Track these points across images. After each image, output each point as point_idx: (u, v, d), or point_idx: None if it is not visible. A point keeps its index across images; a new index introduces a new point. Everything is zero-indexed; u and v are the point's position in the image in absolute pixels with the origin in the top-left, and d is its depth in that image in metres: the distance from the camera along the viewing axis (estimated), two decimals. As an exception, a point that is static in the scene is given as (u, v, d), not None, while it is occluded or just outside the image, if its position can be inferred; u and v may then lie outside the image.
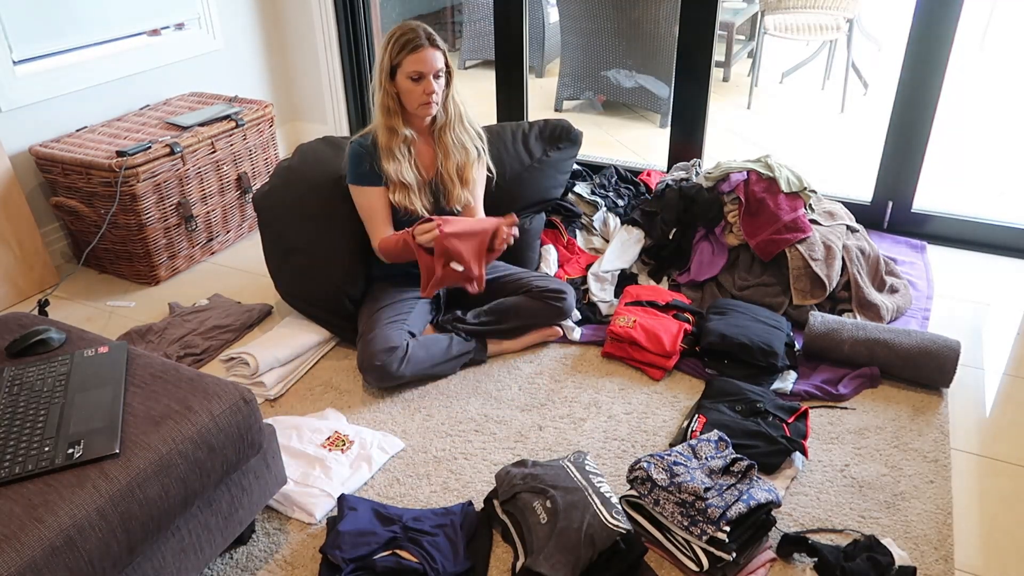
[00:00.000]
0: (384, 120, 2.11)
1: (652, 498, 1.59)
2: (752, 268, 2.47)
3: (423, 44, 2.03)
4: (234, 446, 1.42)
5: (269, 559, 1.63)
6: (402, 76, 2.06)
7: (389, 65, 2.06)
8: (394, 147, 2.12)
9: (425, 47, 2.03)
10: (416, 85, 2.06)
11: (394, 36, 2.05)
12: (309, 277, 2.29)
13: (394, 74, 2.07)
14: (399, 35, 2.04)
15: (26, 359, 1.51)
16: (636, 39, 4.13)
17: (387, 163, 2.12)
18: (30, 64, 2.65)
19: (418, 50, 2.03)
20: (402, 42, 2.03)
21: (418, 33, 2.04)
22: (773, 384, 2.09)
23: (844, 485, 1.78)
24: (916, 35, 2.57)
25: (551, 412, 2.05)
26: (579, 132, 2.72)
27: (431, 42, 2.04)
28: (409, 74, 2.04)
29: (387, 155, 2.13)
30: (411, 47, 2.02)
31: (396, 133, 2.11)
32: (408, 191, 2.15)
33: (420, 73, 2.04)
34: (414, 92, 2.07)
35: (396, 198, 2.15)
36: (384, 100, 2.09)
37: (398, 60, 2.04)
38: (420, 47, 2.03)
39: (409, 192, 2.16)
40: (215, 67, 3.29)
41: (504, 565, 1.60)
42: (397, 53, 2.04)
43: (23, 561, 1.10)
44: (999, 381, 2.15)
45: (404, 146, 2.14)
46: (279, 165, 2.40)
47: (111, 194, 2.52)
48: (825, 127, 4.34)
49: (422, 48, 2.03)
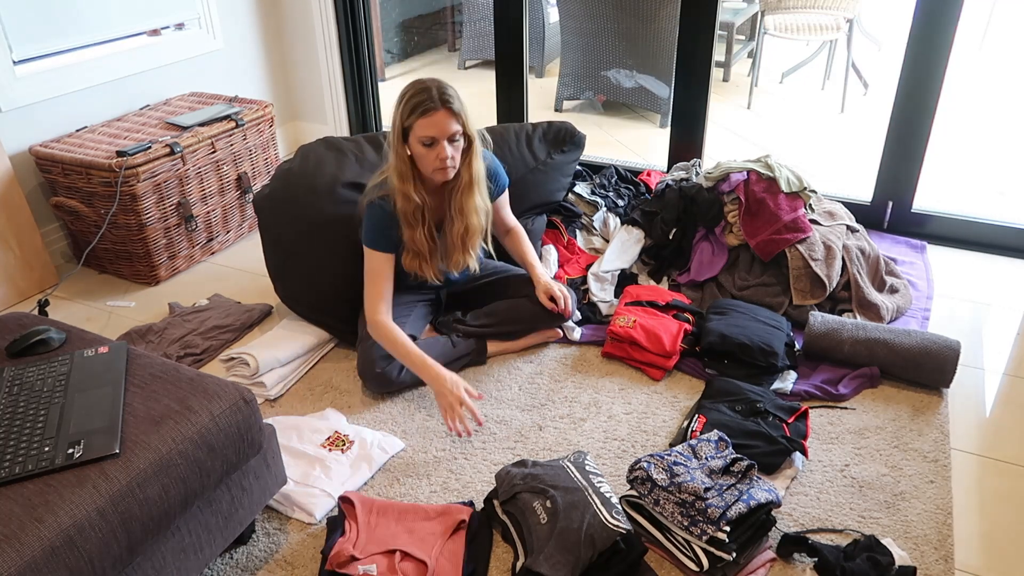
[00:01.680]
0: (400, 185, 1.96)
1: (652, 498, 1.59)
2: (752, 268, 2.47)
3: (435, 107, 1.84)
4: (234, 446, 1.42)
5: (269, 559, 1.63)
6: (414, 140, 1.89)
7: (401, 127, 1.90)
8: (410, 214, 1.98)
9: (437, 109, 1.84)
10: (429, 150, 1.89)
11: (406, 96, 1.88)
12: (309, 280, 2.29)
13: (406, 137, 1.91)
14: (410, 95, 1.87)
15: (26, 359, 1.51)
16: (636, 39, 4.13)
17: (406, 230, 2.01)
18: (30, 64, 2.65)
19: (429, 113, 1.84)
20: (413, 104, 1.85)
21: (431, 94, 1.85)
22: (773, 384, 2.09)
23: (844, 485, 1.78)
24: (916, 35, 2.57)
25: (551, 412, 2.05)
26: (583, 135, 2.72)
27: (444, 104, 1.85)
28: (421, 139, 1.87)
29: (403, 221, 2.00)
30: (422, 110, 1.84)
31: (410, 200, 1.96)
32: (421, 259, 2.05)
33: (432, 138, 1.87)
34: (427, 157, 1.90)
35: (408, 263, 2.05)
36: (398, 164, 1.94)
37: (409, 123, 1.87)
38: (431, 110, 1.84)
39: (422, 260, 2.05)
40: (215, 67, 3.29)
41: (504, 565, 1.60)
42: (408, 115, 1.86)
43: (23, 561, 1.10)
44: (999, 381, 2.15)
45: (419, 213, 2.00)
46: (280, 167, 2.39)
47: (111, 194, 2.52)
48: (825, 127, 4.34)
49: (434, 112, 1.84)
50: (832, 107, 4.58)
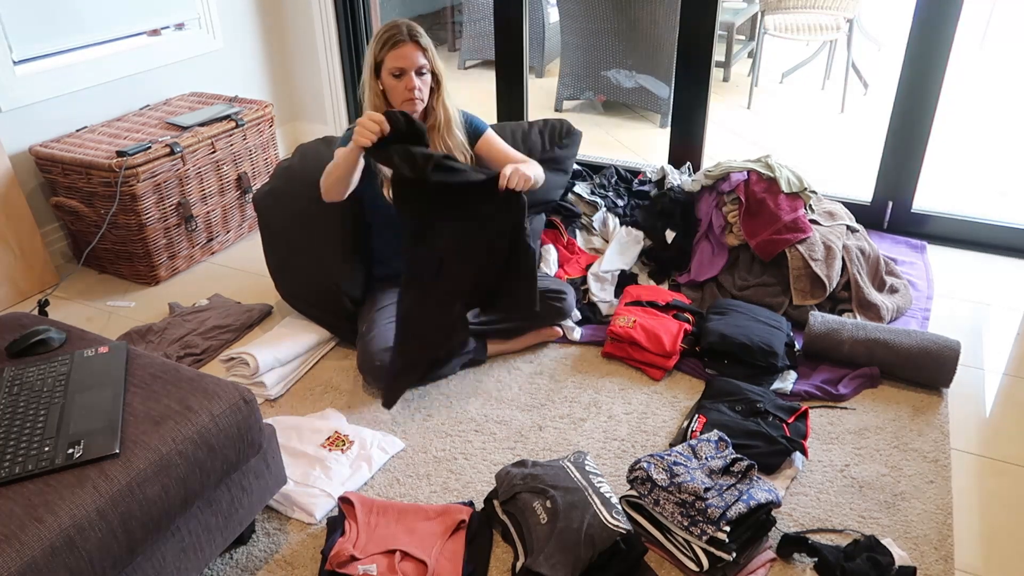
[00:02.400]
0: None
1: (652, 498, 1.59)
2: (752, 268, 2.47)
3: (403, 39, 2.03)
4: (234, 446, 1.42)
5: (269, 559, 1.63)
6: (385, 73, 2.06)
7: (373, 62, 2.07)
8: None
9: (406, 42, 2.03)
10: (398, 81, 2.05)
11: (378, 32, 2.06)
12: (309, 277, 2.29)
13: (379, 71, 2.08)
14: (382, 32, 2.05)
15: (26, 359, 1.51)
16: (636, 39, 4.13)
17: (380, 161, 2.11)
18: (30, 64, 2.65)
19: (398, 46, 2.03)
20: (384, 38, 2.04)
21: (400, 29, 2.04)
22: (773, 384, 2.09)
23: (844, 485, 1.78)
24: (916, 35, 2.57)
25: (551, 412, 2.05)
26: (579, 131, 2.72)
27: (412, 38, 2.05)
28: (391, 70, 2.05)
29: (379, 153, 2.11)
30: (392, 43, 2.03)
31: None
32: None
33: (401, 69, 2.04)
34: (397, 88, 2.07)
35: (389, 194, 2.13)
36: (371, 98, 2.10)
37: (381, 56, 2.05)
38: (400, 42, 2.03)
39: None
40: (215, 67, 3.29)
41: (504, 565, 1.60)
42: (380, 49, 2.05)
43: (23, 561, 1.10)
44: (999, 381, 2.15)
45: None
46: (279, 165, 2.40)
47: (111, 194, 2.52)
48: (825, 127, 4.33)
49: (402, 43, 2.03)
50: (832, 107, 4.57)
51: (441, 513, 1.68)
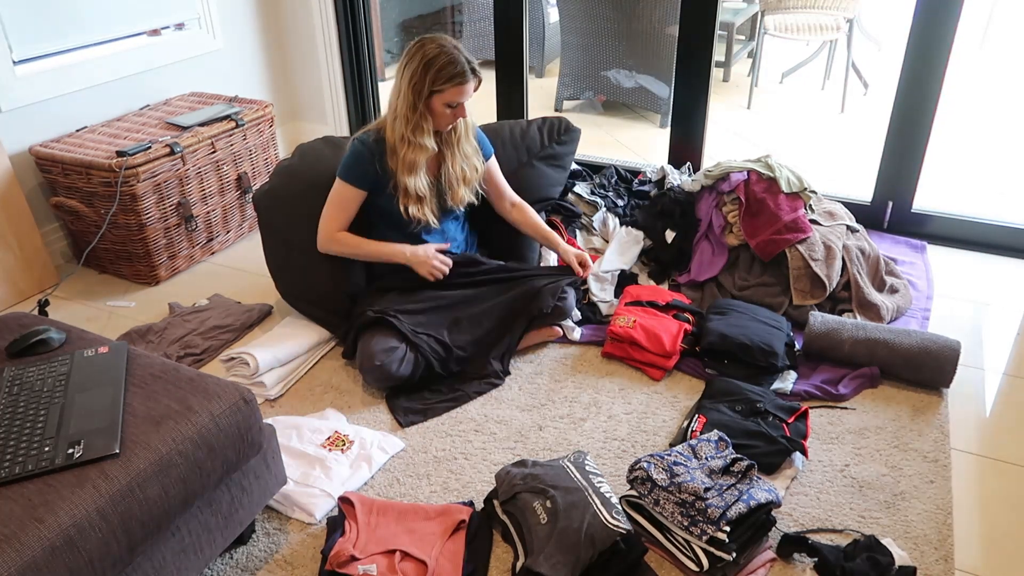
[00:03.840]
0: (413, 136, 2.08)
1: (652, 498, 1.59)
2: (752, 268, 2.47)
3: (469, 79, 2.03)
4: (234, 446, 1.42)
5: (269, 559, 1.63)
6: (439, 102, 2.04)
7: (427, 90, 2.03)
8: (420, 162, 2.12)
9: (471, 80, 2.04)
10: (451, 111, 2.07)
11: (436, 63, 2.01)
12: (309, 276, 2.29)
13: (430, 96, 2.04)
14: (442, 64, 2.00)
15: (26, 359, 1.51)
16: (636, 39, 4.13)
17: (406, 176, 2.11)
18: (30, 64, 2.65)
19: (464, 84, 2.03)
20: (448, 73, 2.00)
21: (464, 66, 2.02)
22: (773, 384, 2.09)
23: (844, 485, 1.78)
24: (916, 35, 2.57)
25: (551, 412, 2.05)
26: (578, 128, 2.72)
27: (474, 73, 2.04)
28: (448, 102, 2.04)
29: (409, 169, 2.11)
30: (458, 80, 2.01)
31: (425, 149, 2.10)
32: (422, 203, 2.16)
33: (459, 103, 2.06)
34: (445, 116, 2.08)
35: (411, 211, 2.15)
36: (415, 119, 2.06)
37: (440, 88, 2.02)
38: (467, 81, 2.03)
39: (423, 205, 2.17)
40: (215, 67, 3.29)
41: (504, 565, 1.60)
42: (443, 82, 2.01)
43: (23, 561, 1.10)
44: (999, 381, 2.15)
45: (427, 161, 2.15)
46: (279, 164, 2.40)
47: (111, 194, 2.52)
48: (825, 127, 4.33)
49: (468, 82, 2.03)
50: (832, 107, 4.57)
51: (441, 513, 1.68)
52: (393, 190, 2.15)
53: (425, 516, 1.67)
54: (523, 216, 2.40)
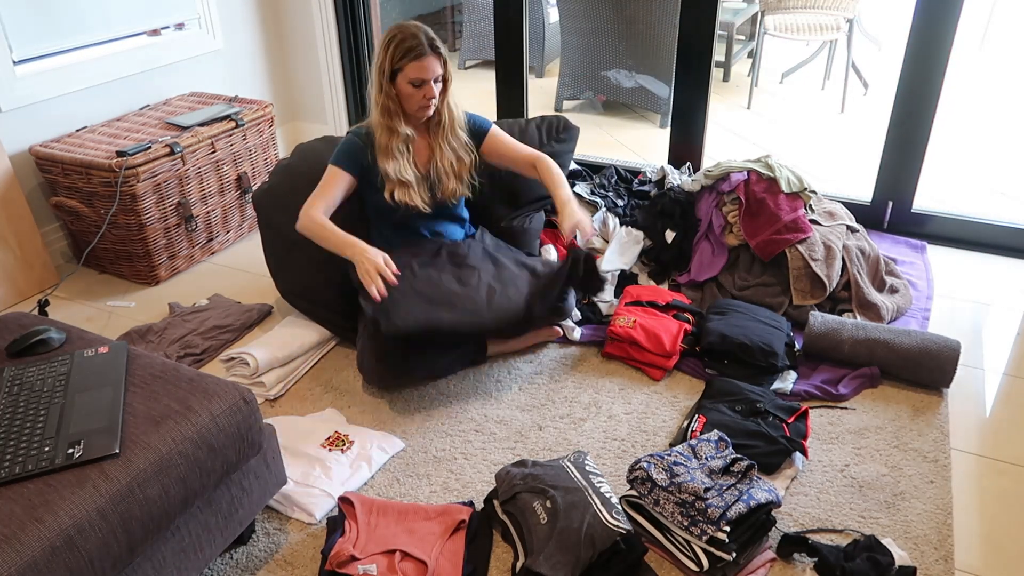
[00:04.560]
0: (384, 120, 2.12)
1: (652, 498, 1.59)
2: (752, 268, 2.47)
3: (426, 52, 2.04)
4: (234, 446, 1.42)
5: (269, 559, 1.63)
6: (403, 80, 2.07)
7: (390, 69, 2.07)
8: (393, 146, 2.13)
9: (428, 55, 2.04)
10: (416, 90, 2.08)
11: (395, 40, 2.05)
12: (309, 275, 2.29)
13: (394, 77, 2.08)
14: (400, 39, 2.04)
15: (26, 359, 1.51)
16: (636, 39, 4.13)
17: (386, 162, 2.14)
18: (30, 64, 2.65)
19: (421, 58, 2.04)
20: (404, 48, 2.03)
21: (420, 40, 2.04)
22: (773, 384, 2.09)
23: (844, 485, 1.78)
24: (916, 35, 2.57)
25: (551, 412, 2.05)
26: (577, 127, 2.72)
27: (433, 49, 2.05)
28: (411, 80, 2.06)
29: (386, 154, 2.14)
30: (414, 55, 2.03)
31: (396, 133, 2.13)
32: (408, 188, 2.17)
33: (422, 80, 2.06)
34: (414, 96, 2.09)
35: (397, 196, 2.16)
36: (384, 101, 2.10)
37: (399, 65, 2.05)
38: (423, 55, 2.03)
39: (409, 189, 2.17)
40: (215, 67, 3.29)
41: (504, 565, 1.60)
42: (400, 58, 2.04)
43: (23, 561, 1.10)
44: (999, 381, 2.15)
45: (403, 144, 2.15)
46: (278, 164, 2.40)
47: (111, 194, 2.52)
48: (825, 127, 4.33)
49: (425, 56, 2.04)
50: (832, 107, 4.57)
51: (441, 513, 1.68)
52: (381, 182, 2.17)
53: (425, 516, 1.67)
54: (542, 173, 2.28)
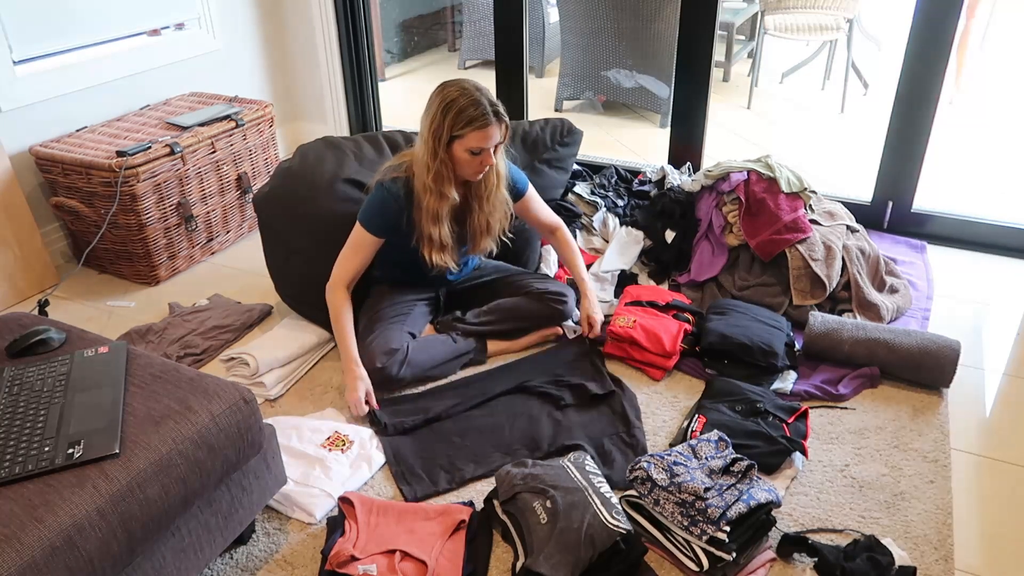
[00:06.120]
0: (435, 185, 1.99)
1: (652, 498, 1.59)
2: (752, 268, 2.47)
3: (491, 121, 1.91)
4: (234, 446, 1.42)
5: (269, 559, 1.63)
6: (460, 148, 1.94)
7: (448, 135, 1.93)
8: (443, 212, 2.03)
9: (492, 125, 1.92)
10: (474, 157, 1.96)
11: (456, 106, 1.90)
12: (309, 279, 2.28)
13: (451, 143, 1.95)
14: (462, 107, 1.90)
15: (26, 359, 1.51)
16: (636, 39, 4.13)
17: (431, 227, 2.04)
18: (30, 64, 2.65)
19: (484, 128, 1.91)
20: (468, 117, 1.90)
21: (484, 107, 1.90)
22: (773, 384, 2.09)
23: (844, 485, 1.78)
24: (916, 35, 2.57)
25: (551, 412, 2.05)
26: (580, 131, 2.72)
27: (497, 116, 1.93)
28: (470, 148, 1.93)
29: (433, 220, 2.03)
30: (478, 124, 1.90)
31: (446, 198, 2.01)
32: (445, 251, 2.10)
33: (482, 148, 1.94)
34: (471, 164, 1.97)
35: (433, 258, 2.08)
36: (437, 167, 1.96)
37: (461, 133, 1.92)
38: (487, 125, 1.91)
39: (446, 251, 2.10)
40: (215, 67, 3.29)
41: (504, 565, 1.60)
42: (462, 127, 1.91)
43: (23, 561, 1.10)
44: (999, 381, 2.15)
45: (450, 210, 2.06)
46: (279, 166, 2.39)
47: (111, 194, 2.52)
48: (825, 127, 4.34)
49: (489, 127, 1.91)
50: (832, 107, 4.57)
51: (441, 513, 1.68)
52: (417, 241, 2.09)
53: (425, 516, 1.67)
54: (562, 248, 2.33)
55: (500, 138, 1.98)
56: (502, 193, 2.12)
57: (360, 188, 2.31)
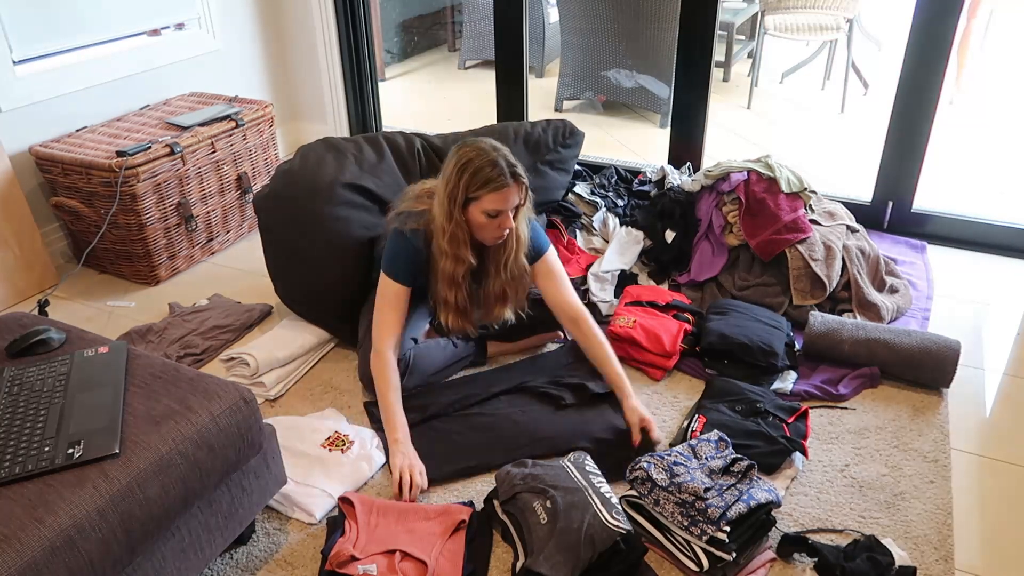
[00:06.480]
0: (451, 249, 1.92)
1: (652, 498, 1.59)
2: (752, 268, 2.47)
3: (508, 183, 1.82)
4: (234, 446, 1.42)
5: (269, 559, 1.63)
6: (476, 210, 1.86)
7: (463, 197, 1.85)
8: (459, 275, 1.96)
9: (509, 186, 1.83)
10: (491, 220, 1.87)
11: (471, 167, 1.83)
12: (309, 280, 2.28)
13: (466, 205, 1.87)
14: (478, 167, 1.82)
15: (26, 359, 1.51)
16: (636, 39, 4.13)
17: (447, 291, 1.98)
18: (30, 64, 2.65)
19: (501, 190, 1.82)
20: (483, 178, 1.82)
21: (501, 169, 1.82)
22: (773, 384, 2.09)
23: (844, 485, 1.78)
24: (916, 35, 2.57)
25: (551, 412, 2.05)
26: (582, 132, 2.72)
27: (515, 178, 1.84)
28: (487, 211, 1.85)
29: (450, 283, 1.97)
30: (494, 186, 1.82)
31: (463, 262, 1.94)
32: (462, 315, 2.03)
33: (499, 211, 1.86)
34: (488, 227, 1.88)
35: (450, 322, 2.02)
36: (453, 230, 1.89)
37: (476, 195, 1.84)
38: (504, 187, 1.82)
39: (461, 317, 2.03)
40: (215, 67, 3.29)
41: (504, 565, 1.60)
42: (477, 188, 1.83)
43: (23, 561, 1.10)
44: (999, 381, 2.15)
45: (467, 274, 1.98)
46: (279, 168, 2.39)
47: (111, 194, 2.52)
48: (825, 127, 4.34)
49: (506, 188, 1.82)
50: (832, 107, 4.58)
51: (441, 513, 1.68)
52: (434, 304, 2.04)
53: (425, 516, 1.67)
54: (590, 344, 2.02)
55: (519, 200, 1.88)
56: (521, 261, 2.01)
57: (360, 193, 2.30)
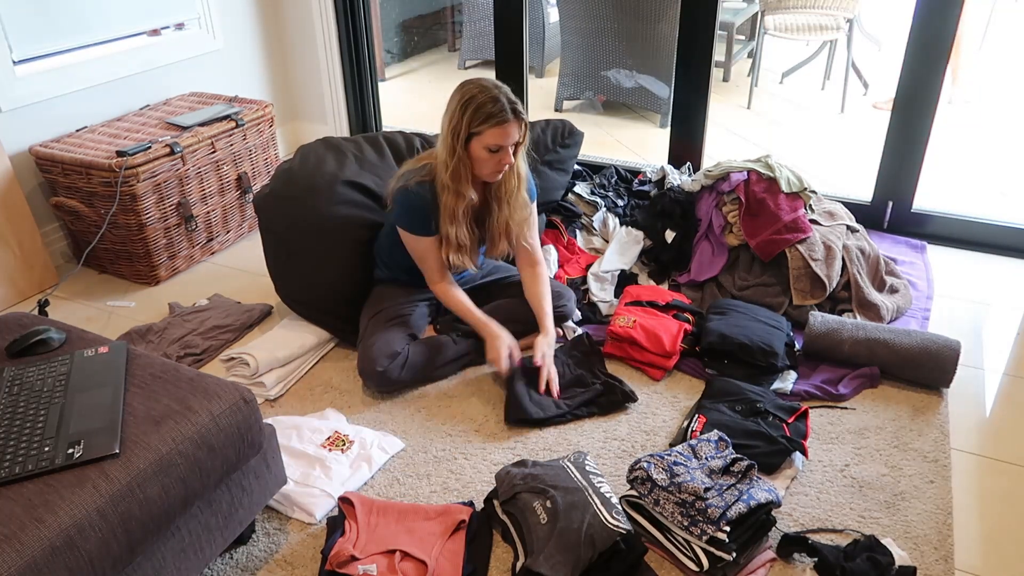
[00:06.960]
0: (453, 184, 1.98)
1: (652, 498, 1.59)
2: (752, 268, 2.47)
3: (508, 118, 1.89)
4: (234, 446, 1.42)
5: (269, 559, 1.63)
6: (478, 145, 1.92)
7: (466, 132, 1.91)
8: (459, 211, 2.02)
9: (510, 121, 1.89)
10: (492, 155, 1.93)
11: (474, 102, 1.89)
12: (309, 279, 2.29)
13: (469, 140, 1.93)
14: (481, 103, 1.88)
15: (26, 359, 1.51)
16: (636, 39, 4.13)
17: (449, 226, 2.03)
18: (30, 64, 2.65)
19: (503, 124, 1.89)
20: (485, 113, 1.88)
21: (502, 104, 1.88)
22: (773, 384, 2.09)
23: (844, 485, 1.78)
24: (916, 35, 2.57)
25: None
26: (581, 132, 2.72)
27: (515, 114, 1.90)
28: (488, 146, 1.91)
29: (451, 218, 2.02)
30: (495, 121, 1.88)
31: (463, 197, 1.99)
32: (463, 251, 2.08)
33: (500, 146, 1.92)
34: (488, 162, 1.95)
35: (451, 258, 2.07)
36: (455, 165, 1.95)
37: (478, 130, 1.90)
38: (505, 121, 1.88)
39: (463, 252, 2.08)
40: (215, 67, 3.29)
41: (504, 565, 1.60)
42: (479, 123, 1.89)
43: (23, 561, 1.10)
44: (999, 381, 2.15)
45: (468, 209, 2.05)
46: (279, 167, 2.39)
47: (111, 194, 2.52)
48: (825, 127, 4.34)
49: (507, 123, 1.89)
50: (832, 107, 4.58)
51: (441, 513, 1.68)
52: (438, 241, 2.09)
53: (425, 516, 1.67)
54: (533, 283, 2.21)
55: (518, 136, 1.95)
56: (523, 195, 2.09)
57: (361, 191, 2.30)
